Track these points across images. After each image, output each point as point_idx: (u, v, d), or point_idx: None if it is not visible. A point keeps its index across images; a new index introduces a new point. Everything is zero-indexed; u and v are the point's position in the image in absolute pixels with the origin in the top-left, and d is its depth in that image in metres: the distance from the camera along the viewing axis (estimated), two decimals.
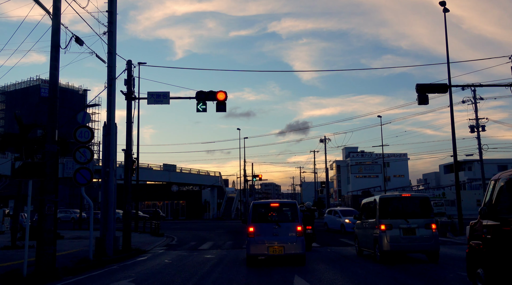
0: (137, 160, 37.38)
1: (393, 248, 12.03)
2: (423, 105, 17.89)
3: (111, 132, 15.79)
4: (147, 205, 74.35)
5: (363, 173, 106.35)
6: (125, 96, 18.22)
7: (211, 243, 21.28)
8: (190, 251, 17.55)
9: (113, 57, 16.25)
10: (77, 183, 13.41)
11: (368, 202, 14.33)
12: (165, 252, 17.61)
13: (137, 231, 31.47)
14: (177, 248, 19.30)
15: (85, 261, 12.92)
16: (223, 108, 18.36)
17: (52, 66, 11.33)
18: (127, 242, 17.51)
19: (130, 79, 18.30)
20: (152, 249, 18.84)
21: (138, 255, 16.36)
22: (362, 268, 11.66)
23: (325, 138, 67.52)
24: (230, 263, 13.36)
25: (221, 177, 76.86)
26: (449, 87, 18.01)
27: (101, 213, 16.14)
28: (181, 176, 67.13)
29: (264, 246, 11.84)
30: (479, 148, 44.38)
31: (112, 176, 15.55)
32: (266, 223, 12.25)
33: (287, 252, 11.80)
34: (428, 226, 12.15)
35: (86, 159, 13.59)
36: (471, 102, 45.40)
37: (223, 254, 16.21)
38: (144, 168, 59.45)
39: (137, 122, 31.89)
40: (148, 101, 18.45)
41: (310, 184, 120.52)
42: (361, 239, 14.50)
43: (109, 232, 15.24)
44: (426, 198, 13.09)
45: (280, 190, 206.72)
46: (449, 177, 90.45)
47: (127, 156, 18.01)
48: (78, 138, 13.66)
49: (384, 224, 12.20)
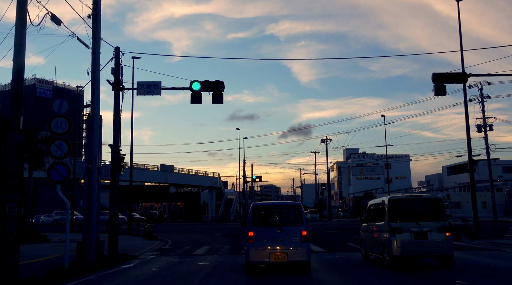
0: (130, 158, 35.69)
1: (403, 253, 11.20)
2: (440, 96, 16.24)
3: (94, 124, 14.13)
4: (145, 207, 72.68)
5: (364, 175, 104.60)
6: (112, 86, 16.60)
7: (207, 248, 19.61)
8: (183, 257, 15.88)
9: (97, 42, 14.59)
10: (51, 180, 11.73)
11: (375, 203, 13.44)
12: (155, 258, 15.93)
13: (130, 233, 29.80)
14: (169, 253, 17.63)
15: (59, 270, 11.24)
16: (220, 99, 16.75)
17: (18, 43, 9.67)
18: (113, 247, 15.85)
19: (118, 68, 16.67)
20: (142, 254, 17.16)
21: (124, 261, 14.68)
22: (372, 276, 10.60)
23: (327, 139, 65.96)
24: (226, 272, 11.71)
25: (220, 178, 75.09)
26: (467, 76, 16.37)
27: (83, 215, 14.51)
28: (179, 177, 65.36)
29: (265, 253, 10.63)
30: (487, 148, 42.72)
31: (95, 173, 13.88)
32: (267, 227, 11.14)
33: (290, 259, 10.62)
34: (441, 229, 11.33)
35: (63, 153, 11.92)
36: (478, 100, 44.01)
37: (219, 260, 14.54)
38: (140, 169, 57.87)
39: (131, 117, 30.33)
40: (137, 92, 16.83)
41: (311, 186, 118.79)
42: (368, 243, 13.59)
43: (90, 236, 13.55)
44: (438, 199, 12.25)
45: (280, 192, 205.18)
46: (452, 179, 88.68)
47: (114, 152, 16.35)
48: (54, 129, 11.99)
49: (394, 227, 11.36)
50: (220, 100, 16.73)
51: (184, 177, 66.39)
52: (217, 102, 16.71)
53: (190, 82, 16.62)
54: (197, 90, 16.62)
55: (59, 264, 12.06)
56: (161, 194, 67.72)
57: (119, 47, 16.80)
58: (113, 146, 16.37)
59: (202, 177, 70.05)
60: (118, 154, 16.34)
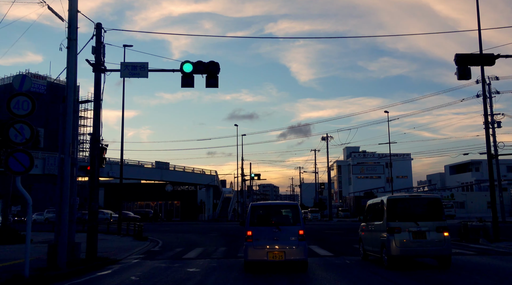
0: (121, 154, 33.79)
1: (402, 252, 11.24)
2: (463, 80, 14.36)
3: (68, 108, 12.19)
4: (140, 206, 70.69)
5: (365, 174, 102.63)
6: (92, 66, 14.66)
7: (201, 250, 17.68)
8: (171, 262, 13.92)
9: (73, 12, 12.65)
10: (10, 172, 9.76)
11: (374, 203, 13.38)
12: (139, 262, 13.99)
13: (120, 233, 27.86)
14: (157, 256, 15.69)
15: (15, 280, 9.29)
16: (215, 83, 14.82)
17: None
18: (91, 250, 13.91)
19: (99, 47, 14.71)
20: (126, 257, 15.22)
21: (102, 267, 12.72)
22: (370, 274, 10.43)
23: (327, 136, 64.04)
24: (219, 282, 9.78)
25: (217, 176, 73.04)
26: (495, 58, 14.47)
27: (56, 213, 12.60)
28: (174, 174, 63.27)
29: (264, 252, 10.84)
30: (494, 145, 40.98)
31: (67, 164, 11.93)
32: (266, 227, 11.25)
33: (287, 258, 10.85)
34: (440, 229, 11.33)
35: (24, 138, 9.98)
36: (486, 96, 42.19)
37: (211, 266, 12.61)
38: (134, 166, 55.85)
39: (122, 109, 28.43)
40: (121, 74, 14.91)
41: (310, 185, 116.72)
42: (367, 243, 13.52)
43: (61, 238, 11.62)
44: (437, 199, 12.18)
45: (279, 191, 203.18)
46: (455, 178, 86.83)
47: (94, 141, 14.40)
48: (14, 110, 10.04)
49: (393, 227, 11.37)
50: (215, 83, 14.81)
51: (180, 175, 64.31)
52: (212, 85, 14.79)
53: (181, 63, 14.70)
54: (189, 72, 14.69)
55: (21, 271, 10.12)
56: (157, 192, 65.73)
57: (101, 23, 14.84)
58: (92, 135, 14.42)
59: (198, 174, 67.98)
60: (98, 143, 14.39)
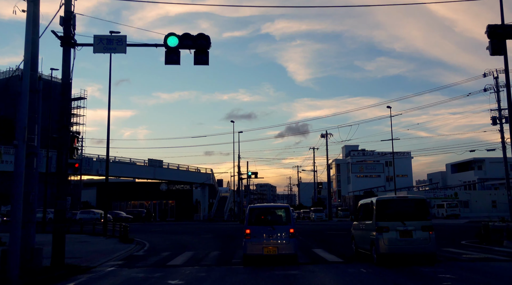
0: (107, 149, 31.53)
1: (390, 250, 11.92)
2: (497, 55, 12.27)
3: (23, 86, 9.99)
4: (134, 205, 68.36)
5: (364, 173, 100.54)
6: (60, 40, 12.46)
7: (190, 254, 15.49)
8: (152, 271, 11.72)
9: None
10: None
11: (365, 203, 14.12)
12: (113, 271, 11.78)
13: (105, 235, 25.66)
14: (138, 262, 13.49)
15: None
16: (205, 59, 12.68)
17: None
18: (58, 256, 11.74)
19: (69, 17, 12.53)
20: (101, 264, 13.01)
21: (67, 278, 10.51)
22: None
23: (327, 133, 61.97)
24: None
25: (213, 175, 70.74)
26: None
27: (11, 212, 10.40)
28: (168, 172, 60.95)
29: (260, 247, 12.30)
30: (502, 142, 38.82)
31: (21, 151, 9.74)
32: (262, 226, 12.65)
33: (280, 252, 12.28)
34: (425, 228, 12.03)
35: None
36: (494, 90, 40.16)
37: (199, 276, 10.45)
38: (126, 163, 53.59)
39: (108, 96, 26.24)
40: (94, 49, 12.74)
41: (308, 184, 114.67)
42: (358, 240, 14.21)
43: (13, 242, 9.42)
44: (422, 199, 12.99)
45: (276, 191, 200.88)
46: (457, 177, 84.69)
47: (61, 128, 12.18)
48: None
49: (381, 226, 12.06)
50: (205, 60, 12.66)
51: (173, 173, 61.98)
52: (201, 62, 12.63)
53: (165, 36, 12.53)
54: (174, 46, 12.54)
55: None
56: (152, 191, 63.48)
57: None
58: (58, 121, 12.20)
59: (193, 173, 65.66)
60: (66, 130, 12.17)
